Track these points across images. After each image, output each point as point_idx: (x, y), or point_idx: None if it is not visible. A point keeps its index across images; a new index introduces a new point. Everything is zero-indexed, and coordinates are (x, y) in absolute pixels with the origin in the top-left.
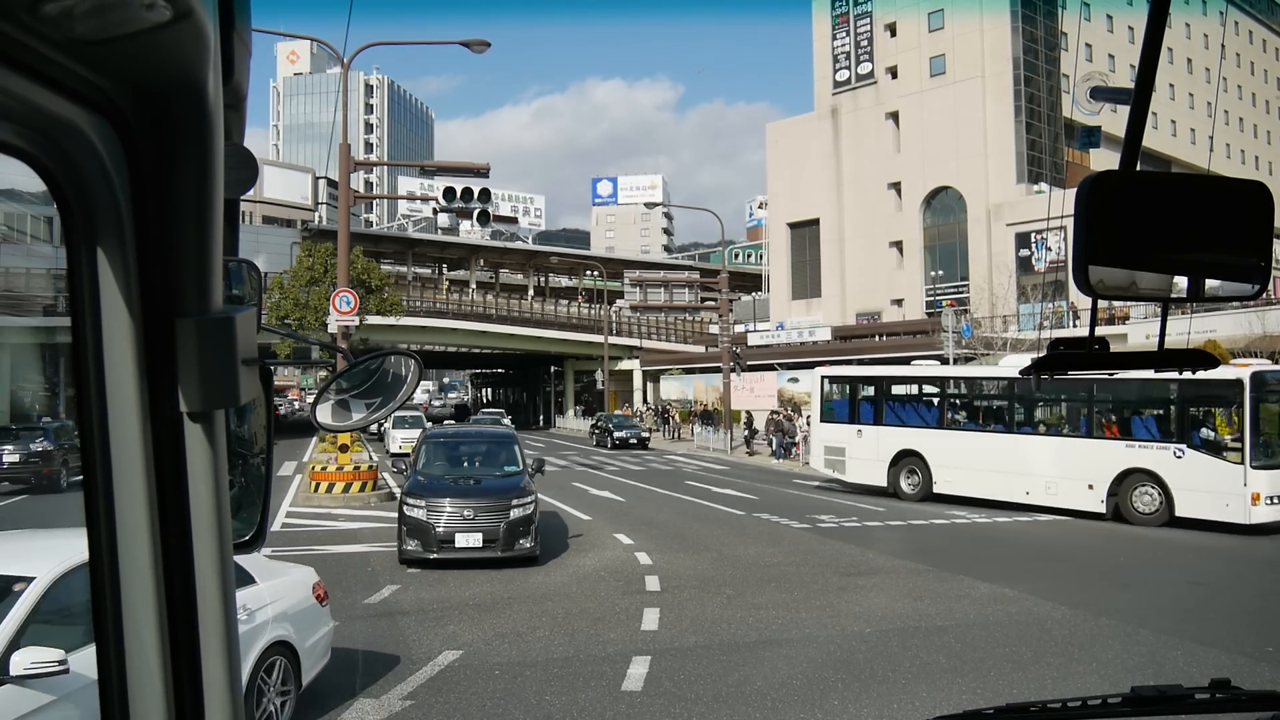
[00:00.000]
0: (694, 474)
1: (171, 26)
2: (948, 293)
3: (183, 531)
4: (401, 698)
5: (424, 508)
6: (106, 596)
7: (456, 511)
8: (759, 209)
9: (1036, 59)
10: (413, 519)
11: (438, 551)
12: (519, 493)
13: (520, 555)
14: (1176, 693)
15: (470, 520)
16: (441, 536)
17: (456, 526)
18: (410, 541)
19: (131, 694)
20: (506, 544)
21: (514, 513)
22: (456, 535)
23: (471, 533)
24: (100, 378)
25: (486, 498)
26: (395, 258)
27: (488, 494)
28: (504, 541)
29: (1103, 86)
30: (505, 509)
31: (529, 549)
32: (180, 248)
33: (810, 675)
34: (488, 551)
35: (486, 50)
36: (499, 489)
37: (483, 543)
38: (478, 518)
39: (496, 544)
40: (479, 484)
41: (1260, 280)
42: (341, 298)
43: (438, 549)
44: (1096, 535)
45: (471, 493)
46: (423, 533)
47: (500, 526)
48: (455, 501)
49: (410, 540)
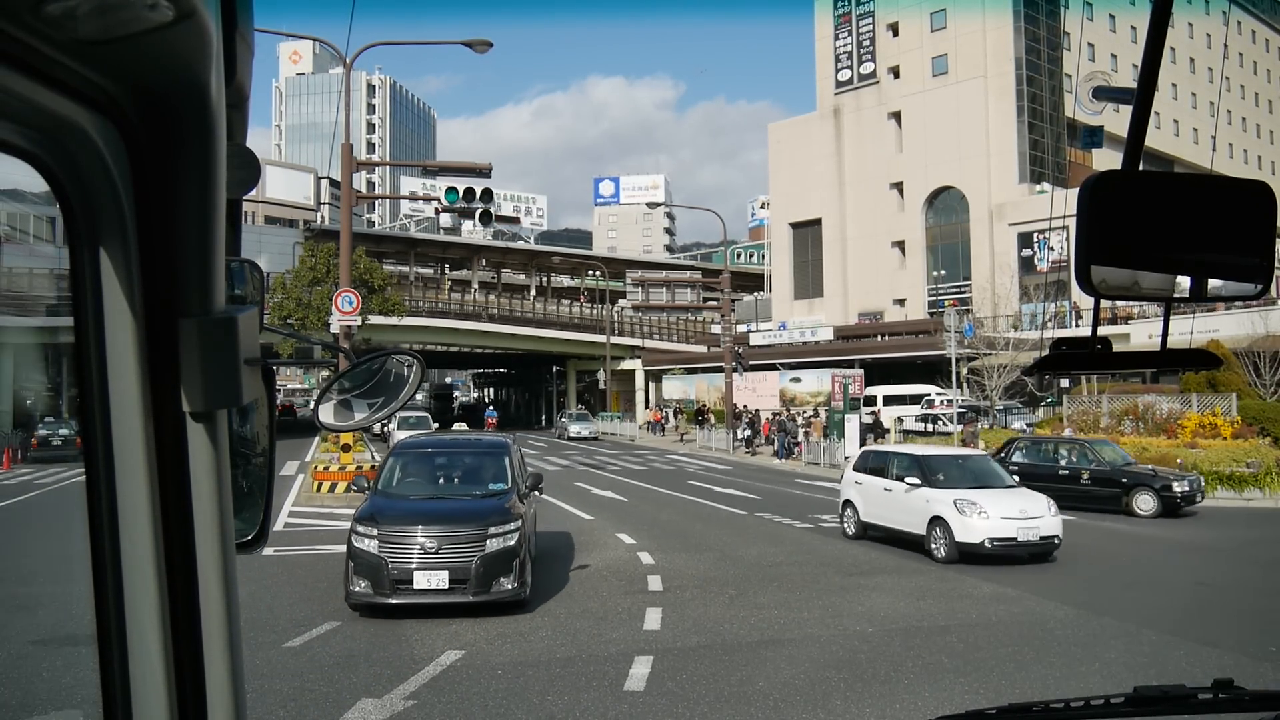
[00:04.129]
0: (696, 474)
1: (174, 27)
2: (950, 292)
3: (185, 531)
4: (404, 697)
5: (375, 538)
6: (109, 596)
7: (416, 543)
8: (761, 209)
9: (1039, 59)
10: (361, 553)
11: (391, 595)
12: (500, 517)
13: (499, 599)
14: (1179, 693)
15: (432, 554)
16: (396, 576)
17: (415, 562)
18: (359, 581)
19: (134, 694)
20: (480, 585)
21: (491, 544)
22: (415, 574)
23: (434, 570)
24: (103, 378)
25: (455, 525)
26: (397, 258)
27: (457, 520)
28: (477, 581)
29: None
30: (479, 539)
31: (511, 591)
32: (183, 248)
33: (813, 675)
34: (456, 595)
35: (489, 50)
36: (473, 513)
37: (449, 583)
38: (442, 551)
39: (467, 585)
40: (449, 507)
41: (1263, 280)
42: (344, 298)
43: (391, 591)
44: (1098, 535)
45: (438, 518)
46: (374, 570)
47: (472, 563)
48: (415, 530)
49: (359, 580)
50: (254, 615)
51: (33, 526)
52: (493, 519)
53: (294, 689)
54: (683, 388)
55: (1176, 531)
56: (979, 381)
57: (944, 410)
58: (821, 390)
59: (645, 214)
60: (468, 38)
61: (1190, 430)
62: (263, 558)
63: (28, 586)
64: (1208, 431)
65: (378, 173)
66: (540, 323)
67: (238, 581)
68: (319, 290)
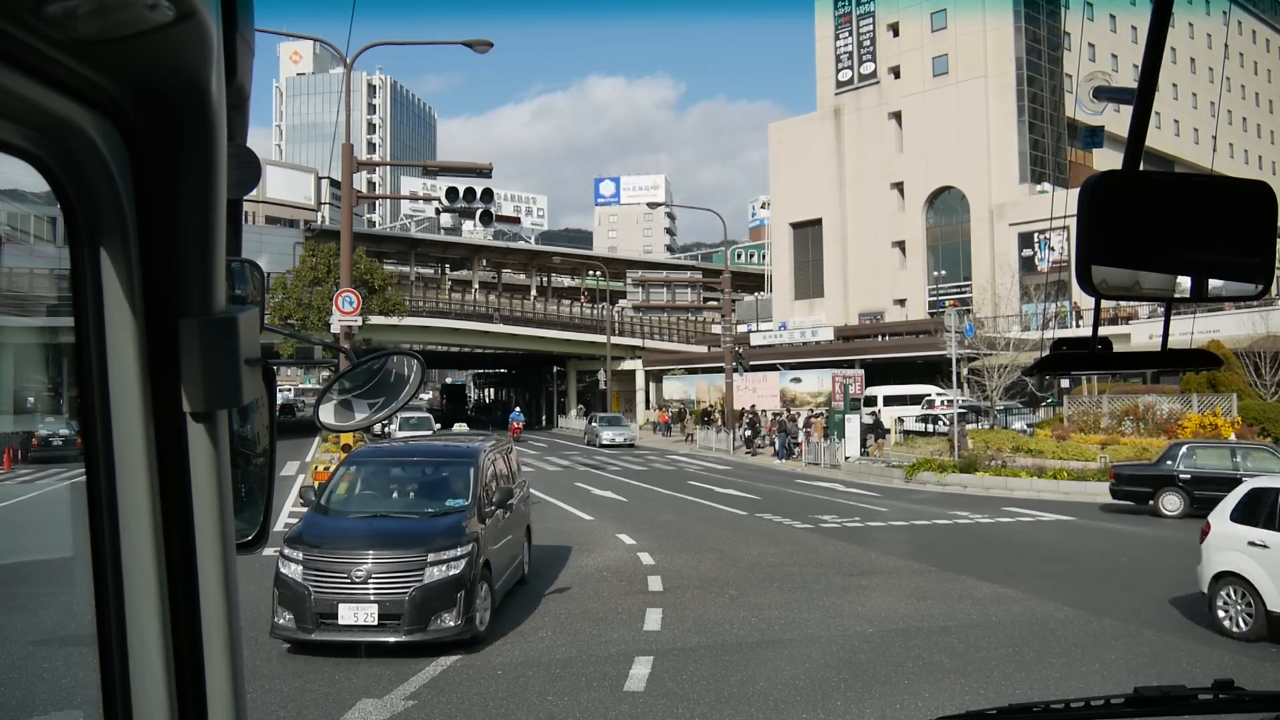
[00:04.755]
0: (696, 474)
1: (174, 27)
2: (950, 293)
3: (186, 531)
4: (404, 697)
5: (300, 563)
6: (110, 596)
7: (343, 571)
8: (761, 209)
9: (1039, 59)
10: (286, 580)
11: (314, 630)
12: (446, 540)
13: (438, 639)
14: (1180, 693)
15: (360, 584)
16: (319, 608)
17: (341, 594)
18: (283, 613)
19: (135, 694)
20: (414, 621)
21: (432, 572)
22: (340, 607)
23: (361, 604)
24: (104, 378)
25: (391, 549)
26: (398, 258)
27: (394, 543)
28: (411, 617)
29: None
30: (416, 567)
31: (454, 629)
32: (183, 248)
33: (813, 675)
34: (386, 633)
35: (489, 50)
36: (414, 535)
37: (378, 618)
38: (373, 580)
39: (399, 621)
40: (388, 528)
41: (1264, 280)
42: (344, 298)
43: (314, 626)
44: (1099, 535)
45: (372, 541)
46: (297, 601)
47: (406, 596)
48: (342, 555)
49: (283, 611)
50: (254, 615)
51: (33, 526)
52: (436, 542)
53: (294, 689)
54: (683, 388)
55: (1177, 531)
56: (979, 382)
57: (944, 410)
58: (822, 390)
59: (646, 214)
60: (468, 38)
61: (1191, 430)
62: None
63: (28, 586)
64: (1208, 432)
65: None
66: (541, 323)
67: (238, 581)
68: (319, 290)
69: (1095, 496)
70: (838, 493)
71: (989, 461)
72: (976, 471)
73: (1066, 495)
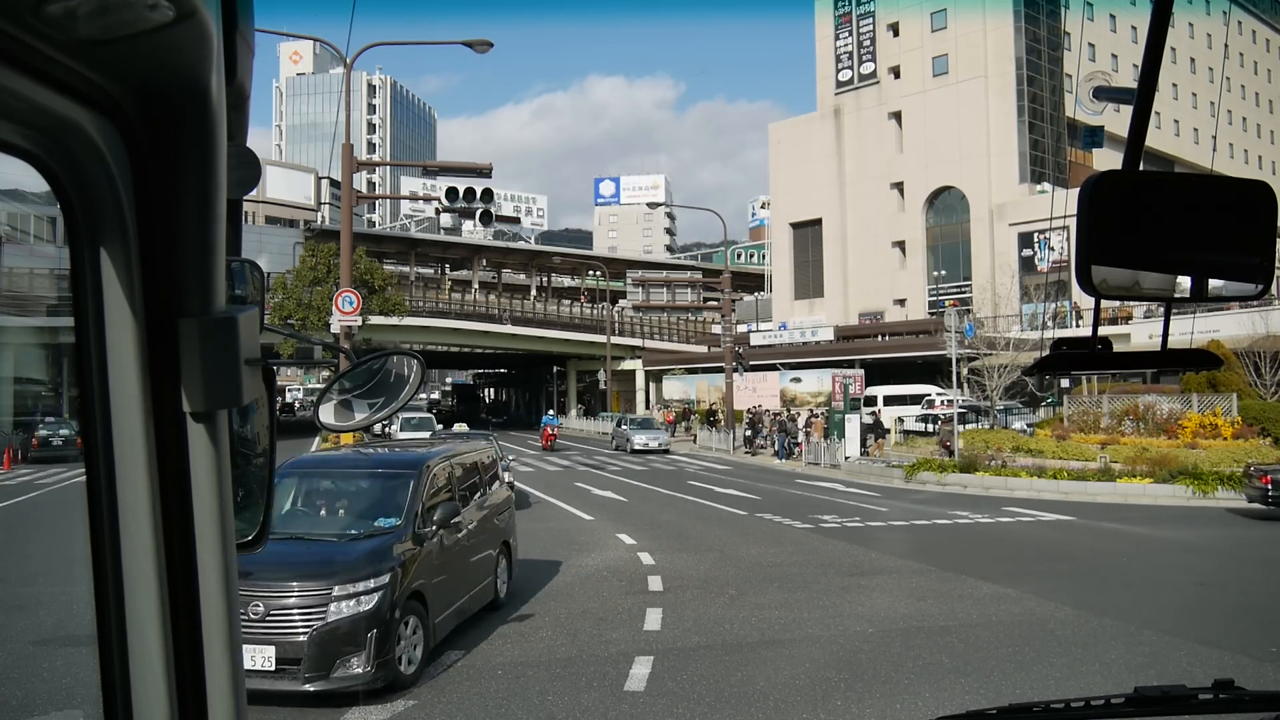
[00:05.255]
0: (696, 474)
1: (174, 27)
2: (950, 292)
3: (186, 531)
4: (404, 697)
5: None
6: (110, 596)
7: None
8: (761, 209)
9: (1039, 59)
10: None
11: None
12: (359, 570)
13: (343, 689)
14: (1180, 693)
15: (258, 622)
16: None
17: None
18: None
19: (135, 694)
20: (314, 667)
21: (339, 608)
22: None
23: (259, 645)
24: (103, 378)
25: (291, 580)
26: (398, 258)
27: (297, 573)
28: (311, 663)
29: (1106, 86)
30: (319, 603)
31: (362, 676)
32: (183, 248)
33: (813, 675)
34: (284, 680)
35: (489, 50)
36: (320, 565)
37: (275, 663)
38: (270, 617)
39: (299, 667)
40: (296, 553)
41: (1264, 280)
42: (344, 298)
43: None
44: (1099, 535)
45: (274, 570)
46: None
47: (306, 637)
48: (244, 586)
49: None
50: None
51: (33, 526)
52: (345, 574)
53: None
54: (683, 388)
55: (1176, 531)
56: (979, 381)
57: (944, 410)
58: (822, 390)
59: (645, 214)
60: (468, 38)
61: (1191, 430)
62: None
63: (28, 586)
64: (1208, 432)
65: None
66: (541, 323)
67: (238, 582)
68: (319, 290)
69: (1095, 496)
70: (838, 493)
71: (989, 461)
72: (976, 471)
73: (1066, 495)
